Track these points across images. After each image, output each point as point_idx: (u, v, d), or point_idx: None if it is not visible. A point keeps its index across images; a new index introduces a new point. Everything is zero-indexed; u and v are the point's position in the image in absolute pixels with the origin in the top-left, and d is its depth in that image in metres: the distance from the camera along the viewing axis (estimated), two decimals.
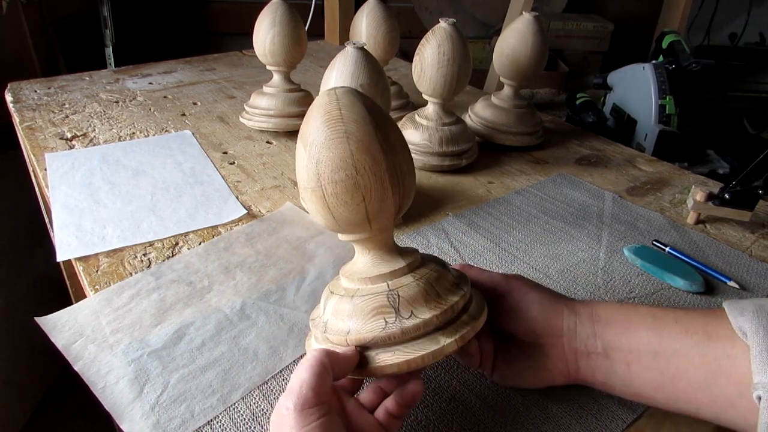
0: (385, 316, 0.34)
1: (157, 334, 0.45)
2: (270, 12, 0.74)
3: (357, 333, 0.34)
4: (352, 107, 0.34)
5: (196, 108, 0.91)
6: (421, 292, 0.35)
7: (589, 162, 0.79)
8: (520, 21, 0.73)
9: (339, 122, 0.33)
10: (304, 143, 0.34)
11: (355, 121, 0.33)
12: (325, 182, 0.33)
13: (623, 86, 1.07)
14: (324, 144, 0.33)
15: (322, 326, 0.36)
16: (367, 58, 0.54)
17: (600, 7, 1.88)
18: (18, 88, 0.94)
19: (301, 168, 0.35)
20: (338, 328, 0.35)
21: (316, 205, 0.35)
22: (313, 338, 0.39)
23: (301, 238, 0.58)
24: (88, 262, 0.53)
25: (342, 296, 0.36)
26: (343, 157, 0.33)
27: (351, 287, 0.37)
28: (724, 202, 0.62)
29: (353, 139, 0.33)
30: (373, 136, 0.33)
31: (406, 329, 0.33)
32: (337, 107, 0.33)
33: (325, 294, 0.39)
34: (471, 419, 0.40)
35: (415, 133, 0.71)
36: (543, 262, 0.56)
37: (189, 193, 0.65)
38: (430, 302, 0.35)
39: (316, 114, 0.34)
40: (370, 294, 0.35)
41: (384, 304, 0.34)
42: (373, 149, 0.33)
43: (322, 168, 0.33)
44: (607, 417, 0.40)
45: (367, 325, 0.34)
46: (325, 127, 0.33)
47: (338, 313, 0.36)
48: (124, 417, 0.39)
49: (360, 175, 0.33)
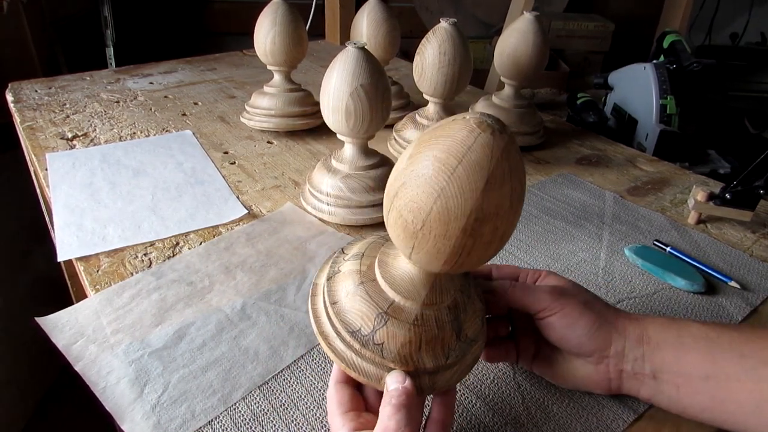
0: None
1: (157, 334, 0.45)
2: (271, 12, 0.74)
3: None
4: (517, 168, 0.28)
5: (197, 108, 0.91)
6: (434, 339, 0.34)
7: (590, 162, 0.79)
8: (521, 21, 0.73)
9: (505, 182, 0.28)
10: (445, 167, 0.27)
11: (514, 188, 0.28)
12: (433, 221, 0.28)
13: (624, 86, 1.07)
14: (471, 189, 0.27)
15: (377, 349, 0.33)
16: (368, 58, 0.54)
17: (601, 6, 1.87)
18: (19, 88, 0.94)
19: (421, 187, 0.28)
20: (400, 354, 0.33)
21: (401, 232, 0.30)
22: (354, 354, 0.34)
23: (302, 238, 0.58)
24: (89, 262, 0.53)
25: (397, 320, 0.33)
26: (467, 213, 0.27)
27: (404, 305, 0.34)
28: (725, 202, 0.62)
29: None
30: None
31: None
32: (507, 164, 0.27)
33: (366, 302, 0.34)
34: (471, 419, 0.40)
35: (415, 133, 0.71)
36: (544, 262, 0.56)
37: (190, 193, 0.65)
38: (436, 350, 0.34)
39: (479, 155, 0.27)
40: (429, 324, 0.33)
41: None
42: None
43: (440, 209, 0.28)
44: (608, 417, 0.40)
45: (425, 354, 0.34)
46: (481, 178, 0.27)
47: (395, 338, 0.33)
48: (125, 417, 0.39)
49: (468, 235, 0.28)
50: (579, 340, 0.37)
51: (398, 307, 0.33)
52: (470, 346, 0.36)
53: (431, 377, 0.34)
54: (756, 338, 0.35)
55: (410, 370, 0.33)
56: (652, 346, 0.36)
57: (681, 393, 0.35)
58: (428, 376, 0.34)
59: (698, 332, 0.36)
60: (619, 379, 0.37)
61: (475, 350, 0.36)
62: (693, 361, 0.35)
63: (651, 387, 0.37)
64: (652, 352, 0.36)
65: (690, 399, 0.35)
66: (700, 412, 0.35)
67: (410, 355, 0.33)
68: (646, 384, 0.37)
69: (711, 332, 0.36)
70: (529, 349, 0.41)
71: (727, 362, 0.34)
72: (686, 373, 0.35)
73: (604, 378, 0.38)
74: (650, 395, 0.37)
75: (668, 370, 0.36)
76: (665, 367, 0.36)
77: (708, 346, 0.35)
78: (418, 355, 0.33)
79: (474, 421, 0.39)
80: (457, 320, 0.35)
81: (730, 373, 0.34)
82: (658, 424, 0.40)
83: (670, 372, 0.36)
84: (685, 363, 0.35)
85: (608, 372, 0.37)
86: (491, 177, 0.27)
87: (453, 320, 0.34)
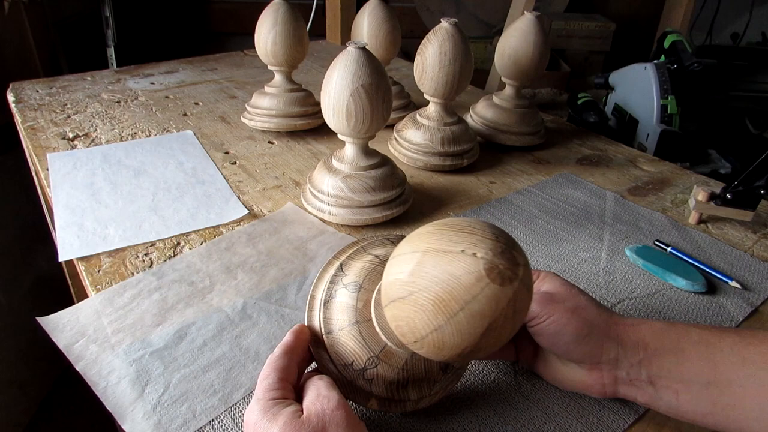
0: None
1: (158, 334, 0.45)
2: (271, 12, 0.74)
3: None
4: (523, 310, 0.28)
5: (198, 108, 0.91)
6: (421, 379, 0.37)
7: (591, 162, 0.79)
8: (522, 21, 0.73)
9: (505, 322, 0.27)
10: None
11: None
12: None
13: (625, 86, 1.07)
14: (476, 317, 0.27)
15: (366, 384, 0.36)
16: (369, 58, 0.54)
17: (602, 6, 1.87)
18: (20, 88, 0.94)
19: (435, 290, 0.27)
20: None
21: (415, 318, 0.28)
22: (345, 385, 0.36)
23: (303, 238, 0.58)
24: (90, 262, 0.53)
25: (387, 364, 0.35)
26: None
27: (395, 351, 0.35)
28: (726, 201, 0.62)
29: None
30: None
31: None
32: (512, 309, 0.27)
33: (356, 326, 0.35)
34: (472, 419, 0.40)
35: (416, 133, 0.71)
36: (545, 262, 0.56)
37: (190, 193, 0.65)
38: (422, 386, 0.37)
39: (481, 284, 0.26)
40: (418, 368, 0.36)
41: None
42: None
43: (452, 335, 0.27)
44: (608, 417, 0.40)
45: None
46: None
47: (384, 378, 0.36)
48: (126, 417, 0.39)
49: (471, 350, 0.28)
50: (567, 347, 0.37)
51: (389, 352, 0.35)
52: (456, 375, 0.39)
53: (415, 403, 0.37)
54: (757, 342, 0.34)
55: (395, 399, 0.36)
56: (649, 353, 0.36)
57: (680, 399, 0.35)
58: (411, 403, 0.37)
59: (698, 337, 0.35)
60: (614, 384, 0.37)
61: (459, 371, 0.40)
62: (693, 367, 0.34)
63: (649, 393, 0.36)
64: (650, 359, 0.36)
65: (690, 405, 0.35)
66: (701, 417, 0.35)
67: (396, 391, 0.36)
68: (643, 390, 0.36)
69: (711, 337, 0.35)
70: (528, 348, 0.41)
71: (729, 367, 0.34)
72: (686, 379, 0.34)
73: (598, 383, 0.37)
74: (648, 401, 0.37)
75: (667, 376, 0.35)
76: (664, 373, 0.35)
77: (708, 351, 0.34)
78: (404, 390, 0.36)
79: (474, 421, 0.39)
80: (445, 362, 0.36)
81: (732, 378, 0.33)
82: (659, 425, 0.40)
83: (669, 378, 0.35)
84: (685, 369, 0.35)
85: (602, 378, 0.37)
86: (492, 323, 0.26)
87: (440, 361, 0.36)
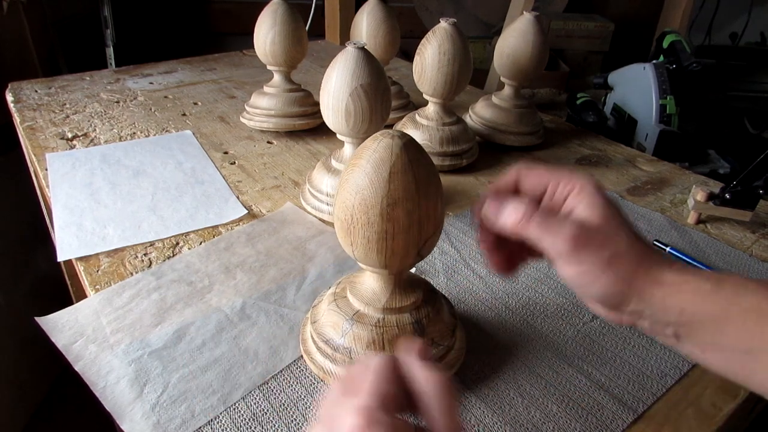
0: None
1: (157, 334, 0.45)
2: (270, 12, 0.74)
3: None
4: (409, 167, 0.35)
5: (197, 108, 0.91)
6: (396, 338, 0.39)
7: (590, 162, 0.79)
8: (521, 21, 0.73)
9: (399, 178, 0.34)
10: (366, 173, 0.35)
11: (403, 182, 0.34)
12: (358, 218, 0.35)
13: (624, 86, 1.07)
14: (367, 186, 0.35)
15: (346, 352, 0.40)
16: (368, 58, 0.54)
17: (601, 6, 1.87)
18: (19, 88, 0.94)
19: (345, 199, 0.36)
20: None
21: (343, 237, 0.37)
22: (329, 360, 0.41)
23: (302, 238, 0.58)
24: (89, 262, 0.53)
25: (360, 323, 0.40)
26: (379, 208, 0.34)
27: (366, 312, 0.40)
28: (725, 201, 0.62)
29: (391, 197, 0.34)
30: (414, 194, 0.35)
31: None
32: (406, 157, 0.34)
33: (334, 312, 0.41)
34: (471, 419, 0.40)
35: (415, 133, 0.71)
36: (544, 262, 0.56)
37: (190, 193, 0.65)
38: None
39: (372, 156, 0.35)
40: (390, 326, 0.40)
41: None
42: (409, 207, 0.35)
43: (358, 207, 0.35)
44: (607, 417, 0.40)
45: None
46: (376, 174, 0.34)
47: (361, 340, 0.40)
48: (125, 417, 0.39)
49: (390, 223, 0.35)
50: (590, 297, 0.34)
51: (362, 314, 0.40)
52: (438, 350, 0.41)
53: None
54: None
55: None
56: (684, 319, 0.31)
57: (707, 357, 0.31)
58: None
59: (750, 304, 0.30)
60: (632, 323, 0.34)
61: (449, 353, 0.42)
62: (734, 334, 0.30)
63: (670, 343, 0.33)
64: (684, 324, 0.31)
65: (717, 364, 0.31)
66: (724, 372, 0.32)
67: (375, 352, 0.39)
68: (664, 337, 0.33)
69: (765, 304, 0.30)
70: None
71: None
72: (723, 345, 0.30)
73: (615, 319, 0.34)
74: (668, 344, 0.33)
75: (699, 340, 0.31)
76: (699, 338, 0.31)
77: (760, 320, 0.30)
78: (383, 352, 0.39)
79: (474, 421, 0.39)
80: (419, 323, 0.40)
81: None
82: (658, 424, 0.40)
83: (702, 342, 0.31)
84: (724, 336, 0.30)
85: (620, 319, 0.34)
86: (393, 167, 0.34)
87: (414, 323, 0.40)
